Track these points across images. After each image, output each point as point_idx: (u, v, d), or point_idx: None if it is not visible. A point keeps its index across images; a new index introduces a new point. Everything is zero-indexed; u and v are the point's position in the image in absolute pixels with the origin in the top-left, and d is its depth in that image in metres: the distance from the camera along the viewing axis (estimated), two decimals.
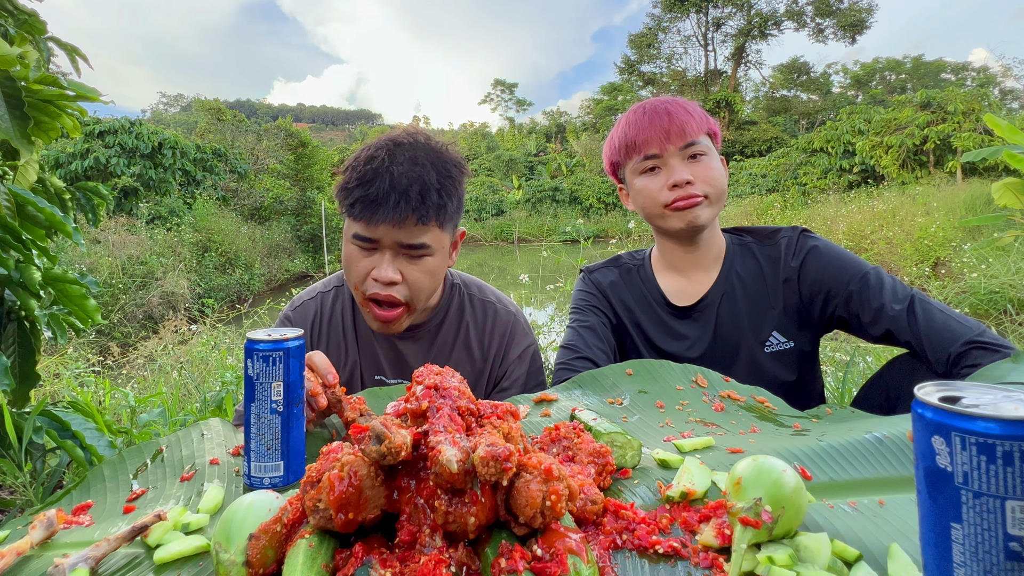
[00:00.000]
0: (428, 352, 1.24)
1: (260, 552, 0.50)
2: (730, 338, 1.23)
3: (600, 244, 6.26)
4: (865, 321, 1.12)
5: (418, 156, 1.06)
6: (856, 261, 1.17)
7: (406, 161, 1.05)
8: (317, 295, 1.28)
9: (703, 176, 1.17)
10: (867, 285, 1.12)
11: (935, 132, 14.75)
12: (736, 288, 1.24)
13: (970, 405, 0.39)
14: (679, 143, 1.18)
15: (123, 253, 9.48)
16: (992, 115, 3.07)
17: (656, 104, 1.23)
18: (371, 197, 1.02)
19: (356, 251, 1.08)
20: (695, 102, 1.26)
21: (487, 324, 1.26)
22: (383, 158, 1.04)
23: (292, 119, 26.95)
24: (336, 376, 0.86)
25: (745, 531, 0.51)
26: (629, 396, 0.88)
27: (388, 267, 1.06)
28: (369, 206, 1.02)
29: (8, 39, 1.30)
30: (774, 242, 1.25)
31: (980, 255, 6.19)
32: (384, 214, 1.01)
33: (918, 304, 1.07)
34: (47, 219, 1.25)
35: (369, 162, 1.05)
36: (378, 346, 1.25)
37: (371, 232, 1.04)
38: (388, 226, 1.03)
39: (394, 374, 1.25)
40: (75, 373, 3.52)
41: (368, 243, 1.06)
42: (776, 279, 1.22)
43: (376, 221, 1.02)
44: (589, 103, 44.76)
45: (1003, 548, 0.37)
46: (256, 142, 18.91)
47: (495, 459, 0.49)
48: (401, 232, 1.04)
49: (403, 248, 1.06)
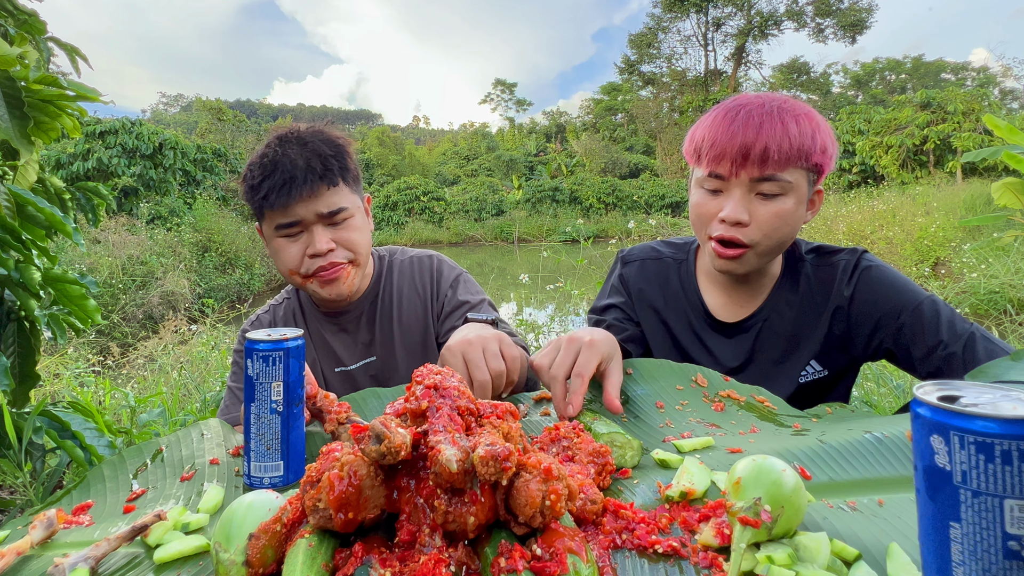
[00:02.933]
0: (374, 320, 1.30)
1: (260, 552, 0.51)
2: (762, 365, 1.12)
3: (600, 244, 6.27)
4: (916, 356, 1.00)
5: (303, 138, 1.14)
6: (911, 289, 1.03)
7: (295, 144, 1.13)
8: (270, 308, 1.36)
9: (763, 221, 0.98)
10: (921, 317, 0.99)
11: (935, 132, 14.75)
12: (784, 314, 1.11)
13: (969, 404, 0.39)
14: (753, 173, 0.97)
15: (123, 253, 9.48)
16: (992, 115, 3.07)
17: (760, 106, 0.98)
18: (280, 182, 1.08)
19: (283, 242, 1.14)
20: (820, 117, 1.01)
21: (415, 274, 1.34)
22: (275, 150, 1.12)
23: (292, 119, 26.95)
24: (315, 386, 0.85)
25: (744, 531, 0.51)
26: (628, 396, 0.88)
27: (319, 239, 1.12)
28: (281, 190, 1.08)
29: (8, 39, 1.31)
30: (830, 264, 1.10)
31: (980, 255, 6.19)
32: (296, 190, 1.08)
33: (980, 344, 0.95)
34: (47, 219, 1.25)
35: (264, 157, 1.12)
36: (329, 338, 1.30)
37: (290, 215, 1.11)
38: (304, 202, 1.10)
39: (352, 359, 1.30)
40: (75, 373, 3.52)
41: (292, 227, 1.12)
42: (826, 305, 1.08)
43: (292, 200, 1.09)
44: (589, 103, 44.77)
45: (1002, 547, 0.37)
46: (256, 142, 18.93)
47: (495, 458, 0.49)
48: (319, 202, 1.11)
49: (325, 218, 1.12)
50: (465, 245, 21.62)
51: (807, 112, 0.99)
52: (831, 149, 0.99)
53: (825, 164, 0.99)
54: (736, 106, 1.00)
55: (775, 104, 0.98)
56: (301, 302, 1.34)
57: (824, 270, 1.10)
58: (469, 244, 21.89)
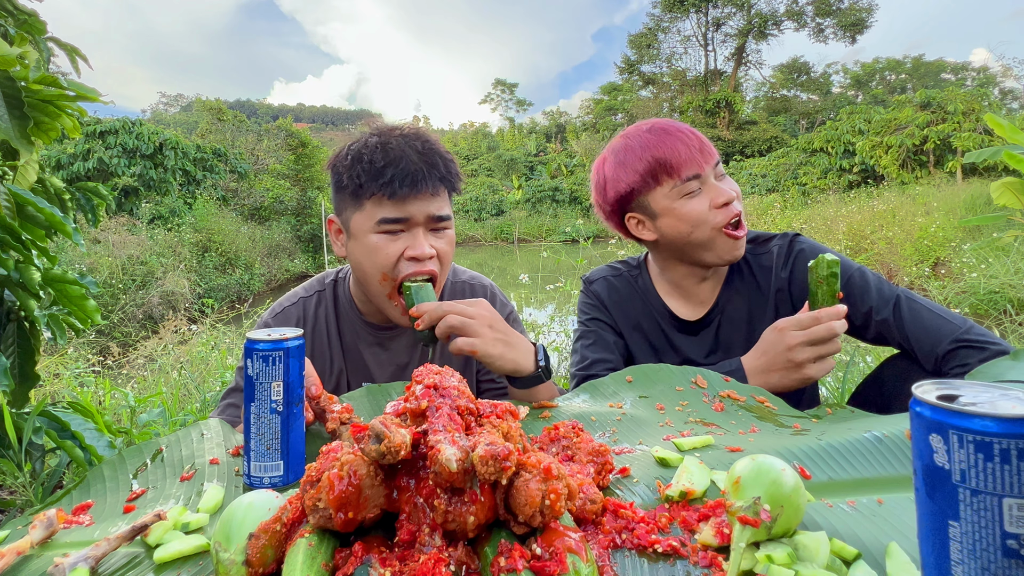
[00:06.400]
0: (415, 344, 1.22)
1: (260, 551, 0.51)
2: (727, 355, 1.20)
3: (600, 244, 6.26)
4: (857, 325, 1.10)
5: (421, 136, 1.09)
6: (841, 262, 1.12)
7: (416, 140, 1.06)
8: (299, 300, 1.23)
9: (739, 192, 1.13)
10: (852, 288, 1.10)
11: (935, 132, 14.75)
12: (735, 302, 1.21)
13: (968, 403, 0.39)
14: (711, 161, 1.11)
15: (123, 253, 9.48)
16: (992, 115, 3.07)
17: (666, 124, 1.15)
18: (406, 171, 1.01)
19: (382, 238, 1.04)
20: None
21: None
22: (397, 140, 1.05)
23: (292, 119, 26.95)
24: (320, 387, 0.84)
25: (744, 530, 0.51)
26: (630, 401, 0.89)
27: (424, 243, 1.04)
28: (405, 180, 1.01)
29: (8, 39, 1.31)
30: (766, 250, 1.22)
31: (980, 255, 6.19)
32: (422, 184, 1.02)
33: (904, 303, 1.06)
34: (47, 219, 1.25)
35: (386, 145, 1.04)
36: (364, 349, 1.21)
37: (403, 211, 1.03)
38: (423, 200, 1.03)
39: (383, 377, 1.21)
40: (75, 373, 3.52)
41: (398, 223, 1.04)
42: (769, 289, 1.19)
43: (416, 193, 1.02)
44: (589, 103, 44.76)
45: (1000, 546, 0.37)
46: (256, 142, 18.92)
47: (494, 458, 0.49)
48: (433, 204, 1.05)
49: (433, 222, 1.06)
50: (465, 245, 21.62)
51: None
52: None
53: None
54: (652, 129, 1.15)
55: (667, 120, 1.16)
56: (338, 303, 1.23)
57: (762, 257, 1.22)
58: (469, 244, 21.88)
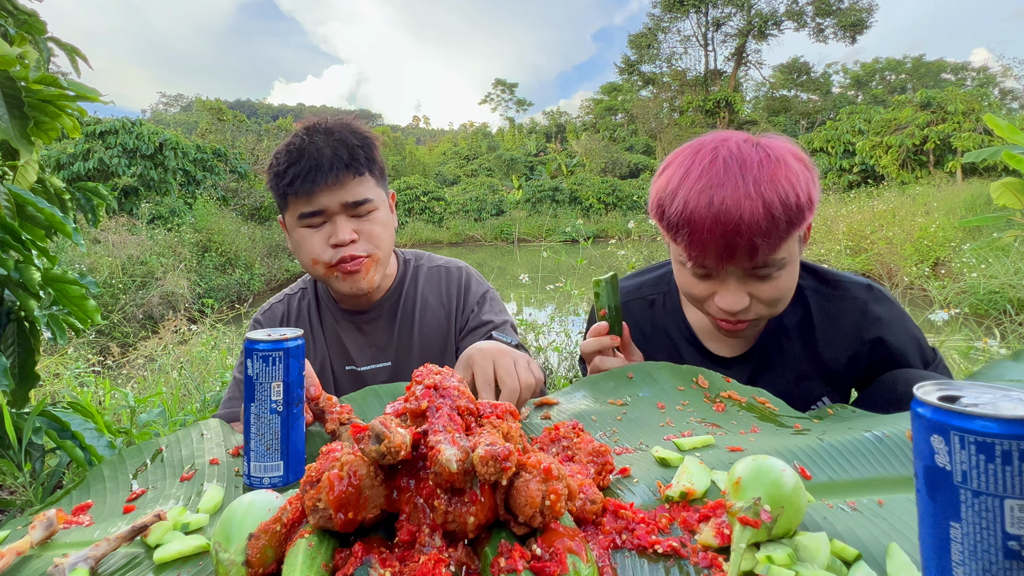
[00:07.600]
0: (392, 326, 1.27)
1: (260, 552, 0.51)
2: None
3: (600, 244, 6.25)
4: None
5: (331, 128, 1.14)
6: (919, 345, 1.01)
7: (322, 134, 1.13)
8: (285, 297, 1.33)
9: (766, 297, 0.90)
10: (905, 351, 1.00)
11: (935, 132, 14.75)
12: (782, 344, 1.04)
13: (969, 404, 0.39)
14: (745, 263, 0.87)
15: (123, 253, 9.48)
16: (992, 115, 3.07)
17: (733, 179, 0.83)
18: (306, 169, 1.08)
19: (306, 231, 1.13)
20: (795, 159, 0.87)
21: (441, 284, 1.31)
22: (302, 138, 1.12)
23: (292, 119, 26.96)
24: (319, 387, 0.84)
25: (744, 531, 0.51)
26: (630, 398, 0.88)
27: (342, 229, 1.10)
28: (307, 177, 1.08)
29: (8, 39, 1.30)
30: (841, 298, 1.02)
31: (980, 255, 6.19)
32: (322, 178, 1.07)
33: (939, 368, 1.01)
34: (47, 219, 1.25)
35: (290, 145, 1.12)
36: (344, 335, 1.27)
37: (315, 204, 1.10)
38: (330, 190, 1.09)
39: (364, 360, 1.27)
40: (75, 373, 3.52)
41: (315, 216, 1.11)
42: (845, 349, 1.02)
43: (316, 187, 1.08)
44: (589, 103, 44.78)
45: (1002, 547, 0.37)
46: (256, 142, 18.93)
47: (494, 458, 0.49)
48: (344, 191, 1.10)
49: (349, 208, 1.12)
50: (465, 245, 21.62)
51: (786, 171, 0.84)
52: (815, 192, 0.87)
53: (812, 211, 0.87)
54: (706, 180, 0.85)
55: (750, 176, 0.83)
56: (319, 295, 1.31)
57: (834, 304, 1.02)
58: (469, 244, 21.89)
